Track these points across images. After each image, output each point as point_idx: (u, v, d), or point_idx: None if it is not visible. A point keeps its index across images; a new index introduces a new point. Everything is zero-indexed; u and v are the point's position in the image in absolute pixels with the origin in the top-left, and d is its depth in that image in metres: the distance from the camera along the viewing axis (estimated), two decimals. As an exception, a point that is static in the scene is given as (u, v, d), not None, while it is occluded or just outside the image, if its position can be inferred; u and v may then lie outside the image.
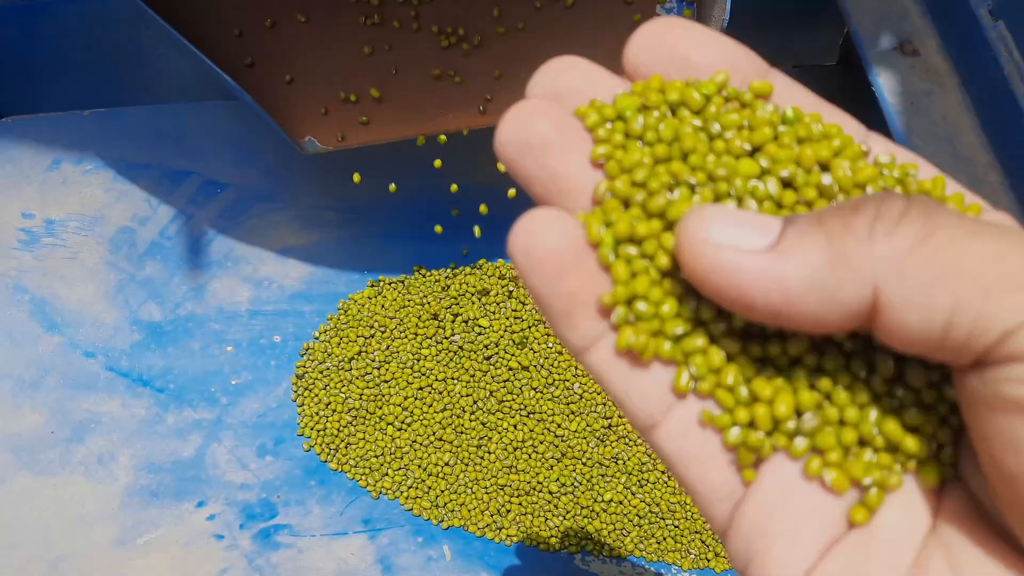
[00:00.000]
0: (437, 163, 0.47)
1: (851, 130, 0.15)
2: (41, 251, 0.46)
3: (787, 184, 0.14)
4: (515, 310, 0.48)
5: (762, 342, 0.14)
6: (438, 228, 0.48)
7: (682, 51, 0.15)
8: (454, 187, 0.46)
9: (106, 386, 0.45)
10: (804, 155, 0.14)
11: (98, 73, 0.50)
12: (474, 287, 0.49)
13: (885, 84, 0.43)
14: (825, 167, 0.14)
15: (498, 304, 0.49)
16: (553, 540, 0.44)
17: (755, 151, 0.14)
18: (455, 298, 0.48)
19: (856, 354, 0.14)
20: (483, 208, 0.44)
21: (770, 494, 0.14)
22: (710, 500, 0.14)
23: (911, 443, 0.13)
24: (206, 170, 0.49)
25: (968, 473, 0.14)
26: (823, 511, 0.14)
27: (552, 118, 0.15)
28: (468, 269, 0.49)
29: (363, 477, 0.45)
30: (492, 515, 0.44)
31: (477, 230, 0.44)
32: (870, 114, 0.43)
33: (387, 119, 0.46)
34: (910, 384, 0.14)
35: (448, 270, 0.49)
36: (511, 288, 0.49)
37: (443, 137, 0.46)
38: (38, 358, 0.45)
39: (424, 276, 0.49)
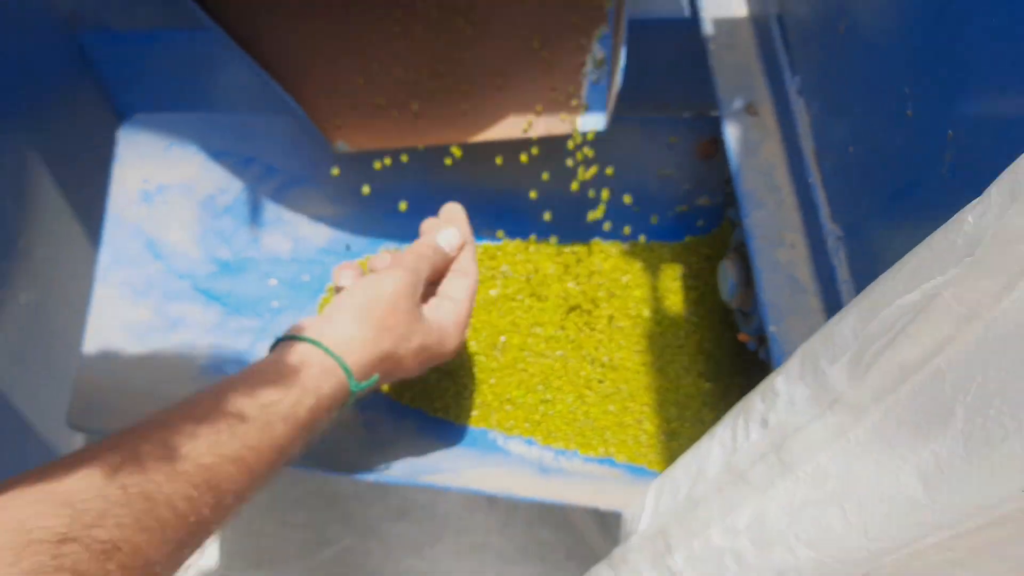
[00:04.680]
0: (456, 151, 0.66)
1: None
2: (154, 206, 0.67)
3: None
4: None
5: None
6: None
7: None
8: (457, 151, 0.66)
9: (190, 299, 0.66)
10: None
11: (199, 84, 0.71)
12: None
13: (732, 134, 0.63)
14: None
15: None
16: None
17: None
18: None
19: None
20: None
21: None
22: None
23: None
24: (266, 159, 0.70)
25: None
26: None
27: None
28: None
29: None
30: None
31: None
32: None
33: (408, 127, 0.66)
34: None
35: None
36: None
37: (457, 150, 0.66)
38: (148, 276, 0.66)
39: None
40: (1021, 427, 0.26)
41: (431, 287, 0.55)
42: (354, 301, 0.47)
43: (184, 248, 0.66)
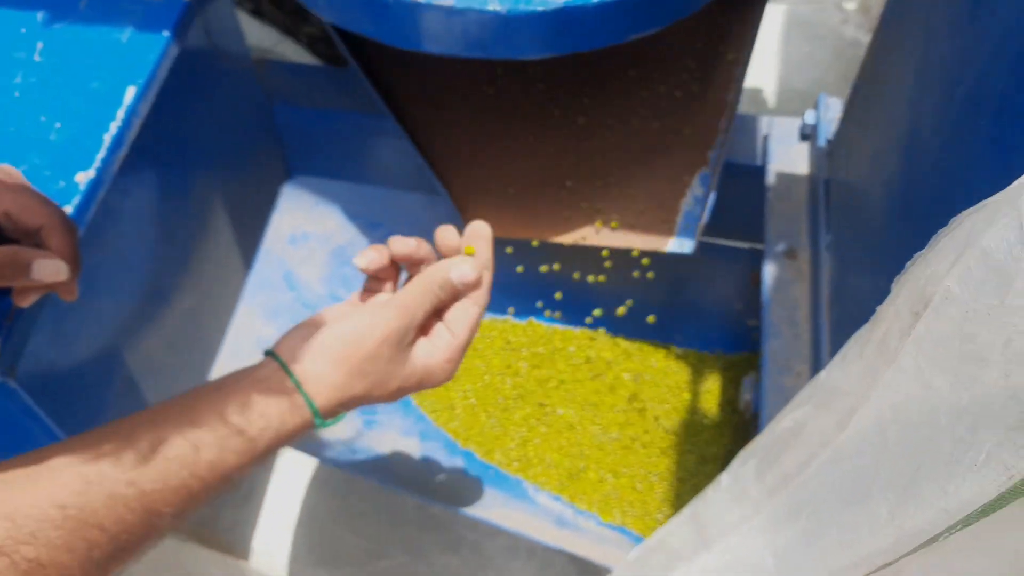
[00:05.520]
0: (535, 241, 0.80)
1: None
2: (296, 248, 0.84)
3: None
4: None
5: None
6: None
7: None
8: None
9: (309, 326, 0.82)
10: None
11: (349, 157, 0.88)
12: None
13: (769, 272, 0.73)
14: None
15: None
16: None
17: None
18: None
19: None
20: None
21: None
22: None
23: None
24: (391, 226, 0.86)
25: None
26: None
27: None
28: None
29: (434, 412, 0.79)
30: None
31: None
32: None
33: (531, 222, 0.78)
34: None
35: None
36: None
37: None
38: (279, 302, 0.82)
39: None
40: (827, 534, 0.36)
41: (432, 318, 0.52)
42: (338, 340, 0.47)
43: (313, 284, 0.83)
